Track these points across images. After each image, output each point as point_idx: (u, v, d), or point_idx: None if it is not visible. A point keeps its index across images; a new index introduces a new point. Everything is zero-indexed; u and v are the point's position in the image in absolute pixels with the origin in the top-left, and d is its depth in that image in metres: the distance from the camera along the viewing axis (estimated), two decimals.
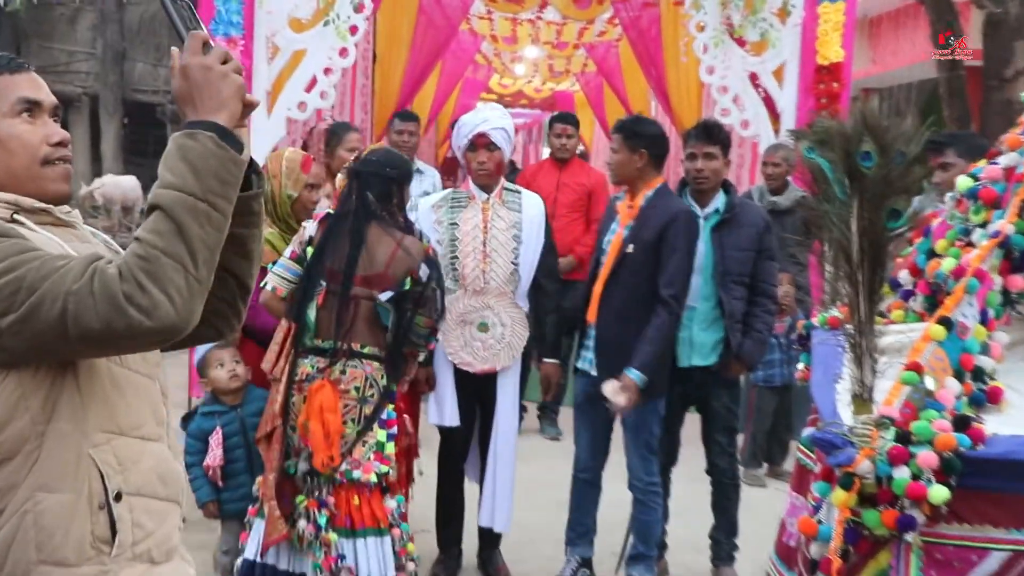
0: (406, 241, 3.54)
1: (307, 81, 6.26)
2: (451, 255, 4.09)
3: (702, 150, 4.14)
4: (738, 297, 4.15)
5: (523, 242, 4.11)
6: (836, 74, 6.53)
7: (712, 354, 4.17)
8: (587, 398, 4.13)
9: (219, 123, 1.48)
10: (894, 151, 2.23)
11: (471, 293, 4.07)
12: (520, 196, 4.20)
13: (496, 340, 4.09)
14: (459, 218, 4.12)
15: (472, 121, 4.12)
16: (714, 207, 4.19)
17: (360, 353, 3.47)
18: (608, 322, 3.99)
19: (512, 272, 4.09)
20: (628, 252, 3.96)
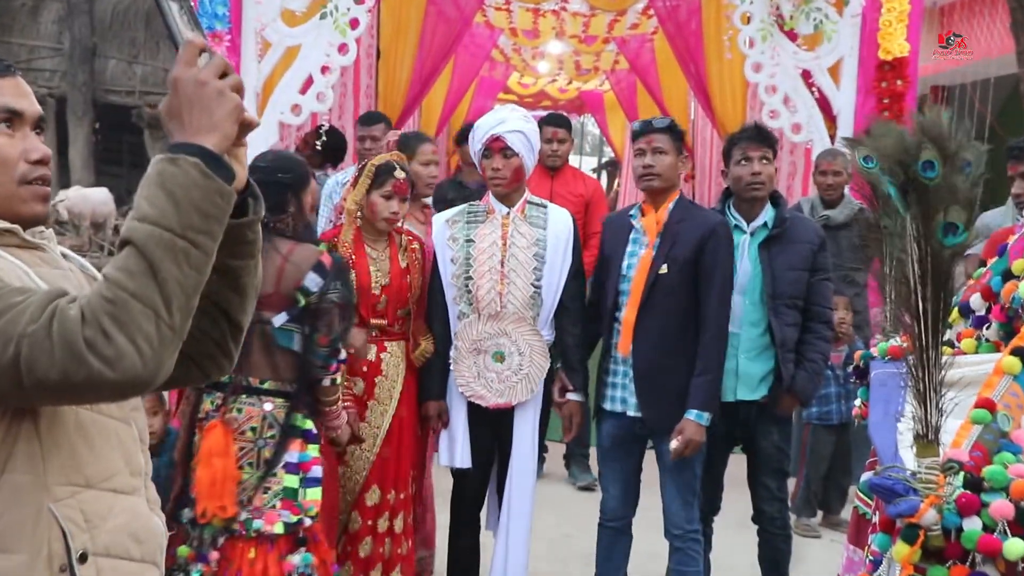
0: (294, 253, 3.52)
1: (302, 81, 6.33)
2: (465, 275, 4.11)
3: (757, 152, 4.17)
4: (790, 323, 4.15)
5: (546, 262, 4.12)
6: (901, 71, 6.55)
7: (761, 387, 4.18)
8: (615, 441, 4.14)
9: (207, 147, 1.45)
10: (960, 160, 2.24)
11: (486, 318, 4.09)
12: (546, 211, 4.22)
13: (512, 371, 4.11)
14: (475, 234, 4.15)
15: (487, 124, 4.16)
16: (762, 220, 4.20)
17: (257, 389, 3.49)
18: (646, 354, 4.00)
19: (532, 295, 4.11)
20: (662, 273, 3.98)
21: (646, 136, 4.05)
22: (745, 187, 4.19)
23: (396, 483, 4.10)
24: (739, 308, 4.11)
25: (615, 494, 4.21)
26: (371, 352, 4.07)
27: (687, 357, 3.97)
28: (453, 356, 4.11)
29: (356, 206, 4.09)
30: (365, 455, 4.07)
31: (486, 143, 4.11)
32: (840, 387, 5.70)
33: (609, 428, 4.15)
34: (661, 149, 4.03)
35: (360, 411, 4.06)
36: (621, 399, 4.09)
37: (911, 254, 2.24)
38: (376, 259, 4.10)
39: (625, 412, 4.07)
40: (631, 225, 4.13)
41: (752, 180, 4.16)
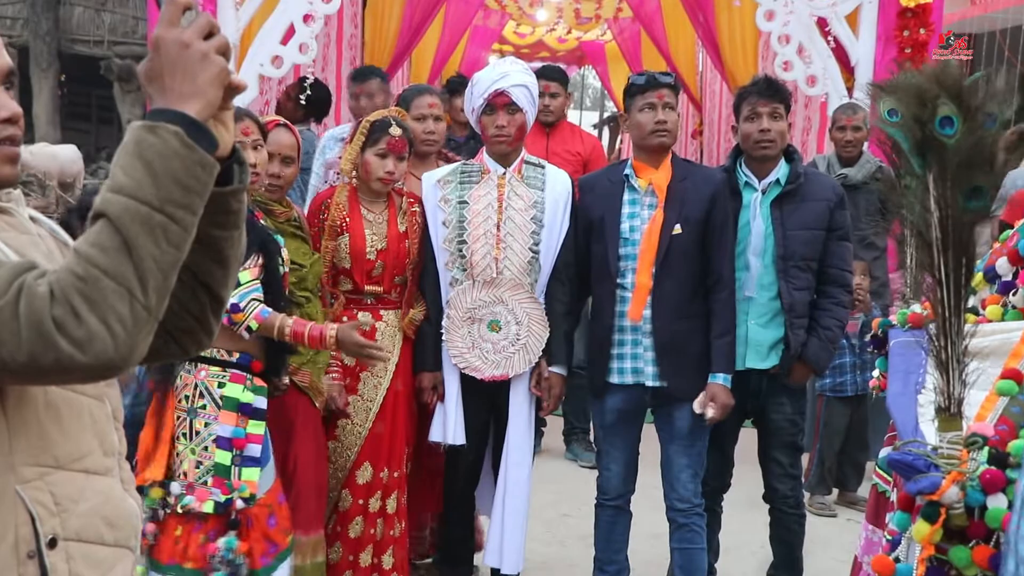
0: None
1: (283, 31, 6.31)
2: (459, 239, 4.12)
3: (767, 107, 4.16)
4: (801, 287, 4.17)
5: (545, 225, 4.13)
6: (923, 18, 6.53)
7: (772, 355, 4.20)
8: (621, 416, 4.15)
9: (188, 114, 1.42)
10: (982, 115, 2.22)
11: (481, 285, 4.10)
12: (544, 171, 4.23)
13: (509, 341, 4.12)
14: (469, 195, 4.15)
15: (489, 77, 4.15)
16: (774, 177, 4.20)
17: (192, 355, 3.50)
18: (666, 320, 4.01)
19: (530, 260, 4.12)
20: (676, 234, 4.00)
21: (656, 90, 4.04)
22: (754, 145, 4.19)
23: (390, 461, 4.11)
24: (754, 270, 4.13)
25: (617, 471, 4.22)
26: (366, 321, 4.07)
27: (702, 320, 4.02)
28: (445, 325, 4.12)
29: (351, 165, 4.08)
30: (357, 430, 4.08)
31: (488, 98, 4.10)
32: (855, 357, 5.72)
33: (615, 402, 4.15)
34: (671, 105, 4.04)
35: (352, 384, 4.07)
36: (633, 370, 4.07)
37: (932, 216, 2.24)
38: (372, 222, 4.10)
39: (640, 383, 4.06)
40: (624, 185, 4.12)
41: (761, 138, 4.16)
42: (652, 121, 4.03)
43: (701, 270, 4.02)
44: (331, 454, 4.07)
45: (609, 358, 4.10)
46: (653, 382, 4.04)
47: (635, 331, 4.05)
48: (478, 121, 4.18)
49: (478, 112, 4.15)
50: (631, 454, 4.23)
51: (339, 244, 4.06)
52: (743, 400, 4.21)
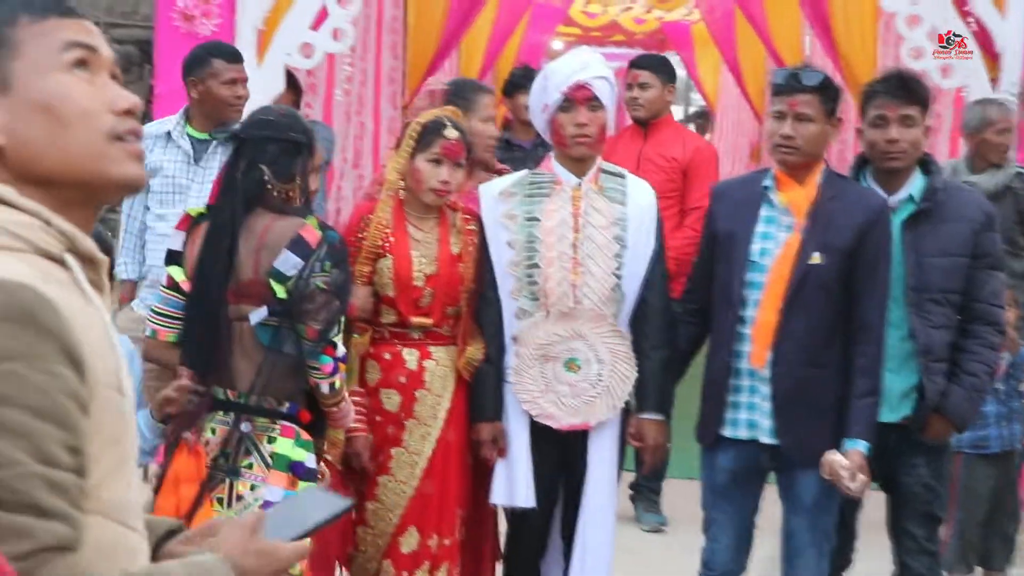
0: (271, 229, 3.53)
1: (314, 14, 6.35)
2: (528, 263, 4.12)
3: (897, 112, 4.11)
4: (939, 324, 4.12)
5: (628, 246, 4.13)
6: None
7: (903, 405, 4.17)
8: (735, 477, 4.13)
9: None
10: None
11: (556, 317, 4.10)
12: (624, 182, 4.23)
13: (590, 383, 4.12)
14: (540, 211, 4.15)
15: (567, 68, 4.16)
16: (907, 193, 4.16)
17: (235, 403, 3.53)
18: (790, 366, 3.99)
19: (614, 288, 4.12)
20: (813, 264, 3.96)
21: (789, 96, 4.00)
22: (879, 155, 4.16)
23: (439, 526, 4.12)
24: None
25: (727, 543, 4.19)
26: (412, 359, 4.10)
27: (834, 370, 3.97)
28: (514, 365, 4.12)
29: (398, 175, 4.11)
30: (401, 489, 4.10)
31: (566, 92, 4.10)
32: (1001, 405, 5.62)
33: (728, 460, 4.13)
34: (806, 116, 3.97)
35: (396, 433, 4.09)
36: (748, 422, 4.05)
37: None
38: (421, 242, 4.13)
39: (755, 439, 4.05)
40: (761, 198, 4.09)
41: (888, 148, 4.12)
42: (777, 133, 4.02)
43: (841, 311, 3.98)
44: (370, 517, 4.10)
45: (723, 406, 4.07)
46: (769, 439, 4.02)
47: (752, 376, 4.03)
48: (551, 119, 4.17)
49: (552, 109, 4.14)
50: (744, 523, 4.20)
51: (380, 268, 4.08)
52: (868, 459, 4.17)
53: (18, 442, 1.35)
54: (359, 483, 4.13)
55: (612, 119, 4.25)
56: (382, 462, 4.10)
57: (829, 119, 4.03)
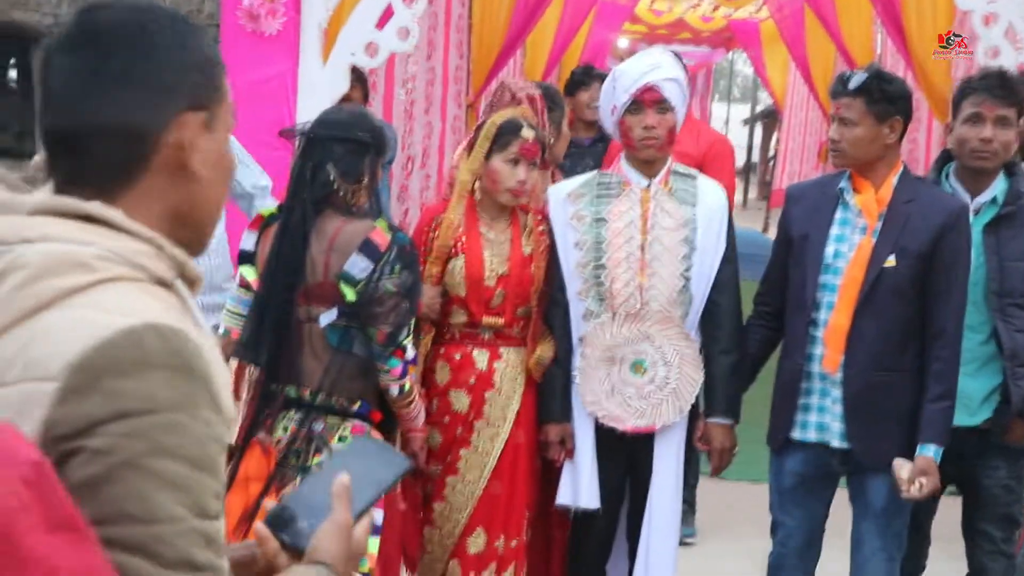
0: (343, 231, 3.56)
1: (379, 13, 6.38)
2: (595, 264, 4.13)
3: (994, 111, 4.09)
4: (1022, 328, 4.11)
5: (697, 248, 4.14)
6: None
7: (983, 409, 4.16)
8: (804, 480, 4.14)
9: None
10: None
11: (623, 318, 4.11)
12: (695, 183, 4.23)
13: (657, 386, 4.12)
14: (608, 212, 4.16)
15: (637, 69, 4.16)
16: (990, 195, 4.15)
17: (308, 403, 3.57)
18: (862, 370, 3.98)
19: (682, 290, 4.12)
20: (888, 267, 3.95)
21: (836, 99, 4.03)
22: (969, 153, 4.13)
23: (507, 527, 4.14)
24: None
25: (795, 548, 4.21)
26: (483, 360, 4.13)
27: (908, 374, 3.96)
28: (580, 366, 4.14)
29: (471, 175, 4.14)
30: (469, 490, 4.13)
31: (635, 94, 4.11)
32: None
33: (797, 464, 4.14)
34: (850, 120, 3.98)
35: (465, 434, 4.12)
36: (818, 425, 4.06)
37: None
38: (493, 242, 4.15)
39: (826, 443, 4.04)
40: (837, 199, 4.08)
41: (980, 147, 4.10)
42: (830, 137, 4.04)
43: (916, 315, 3.96)
44: (437, 518, 4.14)
45: (794, 409, 4.08)
46: (840, 443, 4.02)
47: (823, 379, 4.03)
48: (619, 121, 4.18)
49: (621, 110, 4.15)
50: (814, 529, 4.21)
51: (452, 268, 4.11)
52: (945, 462, 4.15)
53: (179, 496, 1.36)
54: (425, 484, 4.16)
55: (682, 120, 4.23)
56: (451, 463, 4.13)
57: (881, 122, 3.98)
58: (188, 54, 1.55)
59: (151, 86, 1.51)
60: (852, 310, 3.96)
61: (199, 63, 1.55)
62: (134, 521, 1.34)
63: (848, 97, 3.99)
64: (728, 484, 6.71)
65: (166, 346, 1.37)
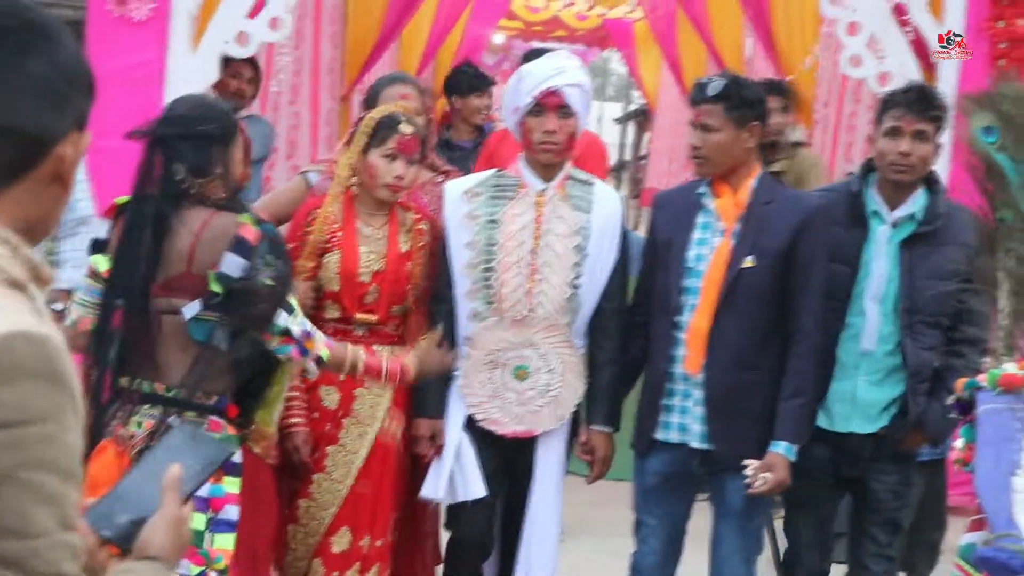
0: (209, 226, 3.51)
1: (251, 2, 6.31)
2: (485, 266, 4.12)
3: (912, 126, 4.12)
4: (929, 346, 4.16)
5: (589, 255, 4.14)
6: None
7: (882, 417, 4.22)
8: (665, 480, 4.18)
9: None
10: None
11: (509, 323, 4.11)
12: (592, 190, 4.24)
13: (538, 392, 4.13)
14: (501, 214, 4.15)
15: (542, 72, 4.14)
16: (908, 211, 4.18)
17: (162, 397, 3.49)
18: (723, 371, 4.03)
19: (570, 297, 4.13)
20: (746, 268, 4.01)
21: (695, 106, 4.09)
22: (888, 166, 4.14)
23: (372, 527, 4.12)
24: (873, 320, 4.15)
25: (655, 547, 4.23)
26: None
27: (770, 374, 4.03)
28: (462, 367, 4.12)
29: (349, 170, 4.12)
30: (335, 488, 4.09)
31: (538, 97, 4.10)
32: None
33: (659, 464, 4.17)
34: (709, 126, 4.03)
35: (333, 431, 4.10)
36: (680, 426, 4.10)
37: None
38: (370, 238, 4.14)
39: (686, 444, 4.09)
40: (698, 205, 4.13)
41: (898, 161, 4.11)
42: (692, 144, 4.10)
43: (776, 315, 4.03)
44: (302, 515, 4.10)
45: (657, 411, 4.12)
46: (700, 443, 4.06)
47: (686, 380, 4.07)
48: (520, 123, 4.17)
49: (523, 112, 4.13)
50: (674, 528, 4.25)
51: (327, 262, 4.09)
52: (839, 464, 4.25)
53: (52, 509, 1.36)
54: (292, 480, 4.13)
55: (583, 126, 4.25)
56: (317, 460, 4.10)
57: (741, 127, 4.04)
58: (85, 71, 1.54)
59: (57, 95, 1.50)
60: (713, 312, 4.02)
61: (90, 82, 1.54)
62: (10, 535, 1.33)
63: (708, 104, 4.05)
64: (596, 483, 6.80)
65: (37, 353, 1.36)
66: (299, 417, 4.03)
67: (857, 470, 4.28)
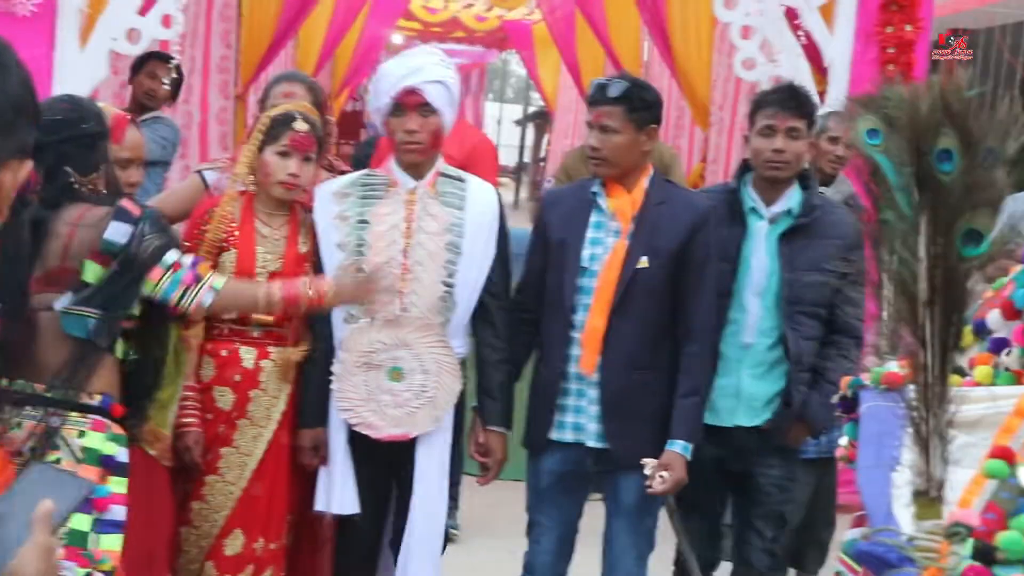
0: (86, 216, 3.49)
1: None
2: (356, 267, 4.05)
3: (785, 124, 4.25)
4: (809, 336, 4.28)
5: (463, 253, 4.11)
6: (910, 12, 6.68)
7: (765, 411, 4.31)
8: (559, 479, 4.19)
9: None
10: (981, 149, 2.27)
11: (381, 324, 4.06)
12: (465, 186, 4.20)
13: (413, 394, 4.07)
14: (371, 213, 4.11)
15: (397, 71, 4.09)
16: (785, 206, 4.30)
17: (42, 397, 3.43)
18: (617, 371, 4.06)
19: (443, 296, 4.10)
20: (641, 268, 4.04)
21: (595, 107, 4.11)
22: (763, 164, 4.27)
23: (266, 529, 4.08)
24: (754, 314, 4.24)
25: (548, 547, 4.25)
26: (250, 358, 4.07)
27: (663, 373, 4.07)
28: (337, 371, 4.07)
29: (247, 168, 4.09)
30: (228, 490, 4.05)
31: (396, 97, 4.06)
32: None
33: (553, 463, 4.18)
34: (609, 127, 4.05)
35: (227, 432, 4.05)
36: (575, 425, 4.12)
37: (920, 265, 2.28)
38: (268, 238, 4.11)
39: (581, 443, 4.11)
40: (592, 204, 4.15)
41: (772, 158, 4.24)
42: (588, 146, 4.12)
43: (669, 315, 4.08)
44: (195, 517, 4.05)
45: (553, 410, 4.14)
46: (596, 443, 4.09)
47: (580, 380, 4.10)
48: (384, 124, 4.15)
49: (383, 113, 4.11)
50: (567, 527, 4.27)
51: (223, 262, 4.05)
52: (725, 460, 4.31)
53: None
54: (186, 482, 4.08)
55: (451, 121, 4.18)
56: (211, 461, 4.05)
57: (640, 129, 4.08)
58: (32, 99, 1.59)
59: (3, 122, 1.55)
60: (608, 312, 4.05)
61: (36, 111, 1.60)
62: None
63: (608, 105, 4.08)
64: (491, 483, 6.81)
65: None
66: (192, 417, 3.99)
67: (743, 464, 4.36)
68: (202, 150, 8.00)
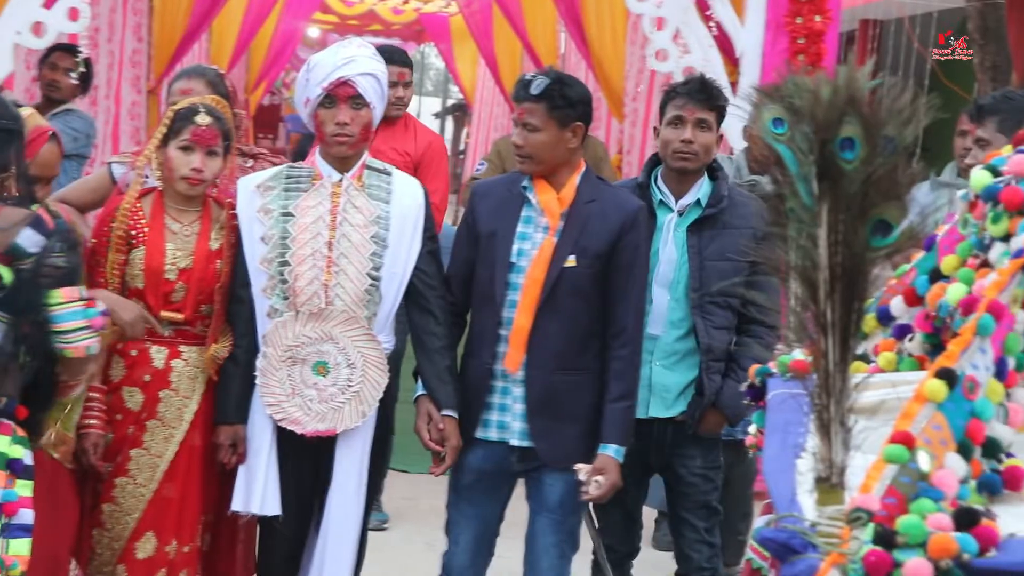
0: (3, 212, 3.41)
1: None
2: (280, 260, 4.03)
3: (694, 115, 4.27)
4: (720, 325, 4.31)
5: (388, 246, 4.09)
6: (819, 4, 6.76)
7: (679, 402, 4.32)
8: (481, 477, 4.16)
9: None
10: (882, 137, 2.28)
11: (306, 317, 4.02)
12: (390, 180, 4.18)
13: (339, 388, 4.03)
14: (296, 206, 4.07)
15: (330, 62, 4.06)
16: (694, 197, 4.32)
17: None
18: (544, 370, 4.05)
19: (368, 289, 4.07)
20: (568, 267, 4.03)
21: (518, 104, 4.10)
22: (672, 155, 4.28)
23: (179, 532, 4.03)
24: (662, 305, 4.25)
25: (466, 546, 4.22)
26: (160, 357, 4.02)
27: (589, 374, 4.06)
28: (260, 366, 4.02)
29: (152, 163, 4.06)
30: (139, 492, 4.00)
31: (328, 88, 4.03)
32: None
33: (477, 460, 4.14)
34: (531, 124, 4.03)
35: (137, 434, 4.00)
36: (500, 424, 4.10)
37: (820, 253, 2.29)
38: (178, 234, 4.06)
39: (506, 441, 4.09)
40: (522, 198, 4.13)
41: (682, 148, 4.26)
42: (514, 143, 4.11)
43: (597, 316, 4.06)
44: (106, 519, 4.00)
45: (480, 407, 4.11)
46: (520, 441, 4.08)
47: (506, 378, 4.08)
48: (312, 115, 4.10)
49: (314, 103, 4.06)
50: (486, 526, 4.24)
51: (132, 259, 4.01)
52: (645, 453, 4.31)
53: None
54: (97, 484, 4.03)
55: (379, 115, 4.18)
56: (120, 463, 4.00)
57: (563, 127, 4.05)
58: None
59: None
60: (534, 310, 4.03)
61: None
62: None
63: (530, 102, 4.05)
64: (410, 477, 6.86)
65: None
66: (95, 419, 3.92)
67: (663, 457, 4.38)
68: (114, 144, 7.92)
